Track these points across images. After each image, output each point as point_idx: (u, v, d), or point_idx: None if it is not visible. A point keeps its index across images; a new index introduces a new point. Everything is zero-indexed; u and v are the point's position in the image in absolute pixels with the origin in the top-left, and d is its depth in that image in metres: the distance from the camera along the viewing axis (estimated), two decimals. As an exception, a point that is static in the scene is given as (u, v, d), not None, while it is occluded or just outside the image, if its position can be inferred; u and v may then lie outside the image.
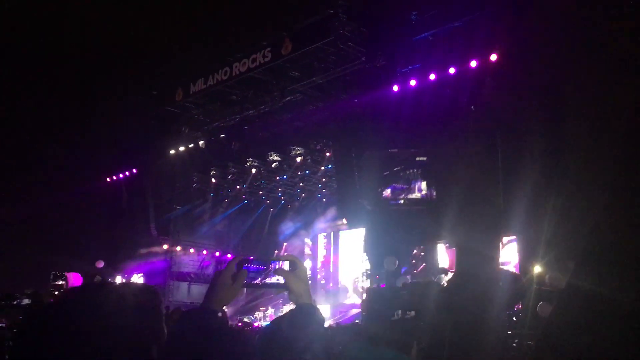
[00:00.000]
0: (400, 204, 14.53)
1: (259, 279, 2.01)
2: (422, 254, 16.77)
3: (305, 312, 1.93)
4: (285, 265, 2.00)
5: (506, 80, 11.26)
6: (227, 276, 1.94)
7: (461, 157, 11.30)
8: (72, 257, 18.39)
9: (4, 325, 7.86)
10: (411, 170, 14.48)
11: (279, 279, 1.99)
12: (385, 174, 14.45)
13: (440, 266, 15.64)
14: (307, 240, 24.18)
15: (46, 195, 18.54)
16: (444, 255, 16.43)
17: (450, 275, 14.58)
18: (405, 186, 14.59)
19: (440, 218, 12.92)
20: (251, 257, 2.05)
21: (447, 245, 16.32)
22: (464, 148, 11.36)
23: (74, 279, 17.95)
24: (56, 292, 17.95)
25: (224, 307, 1.91)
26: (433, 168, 13.75)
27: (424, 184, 14.57)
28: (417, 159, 14.31)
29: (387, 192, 14.71)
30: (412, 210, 14.44)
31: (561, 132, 10.86)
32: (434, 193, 14.18)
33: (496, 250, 9.91)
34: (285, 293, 2.01)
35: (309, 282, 2.11)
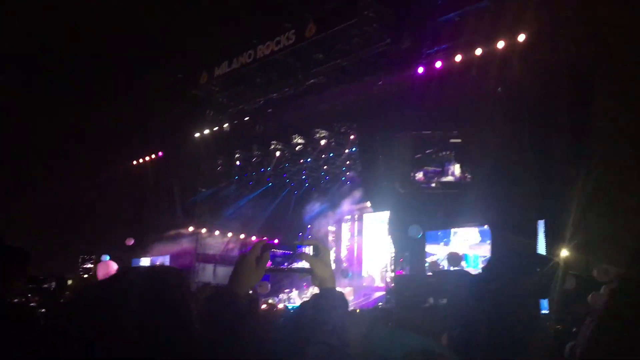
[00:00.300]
0: (433, 187, 14.33)
1: (285, 263, 2.02)
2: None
3: (330, 297, 1.94)
4: (309, 250, 2.01)
5: (534, 61, 11.05)
6: (251, 260, 1.95)
7: (495, 138, 11.10)
8: (100, 240, 18.73)
9: (34, 304, 8.04)
10: (444, 153, 14.21)
11: (303, 264, 2.00)
12: (417, 156, 14.23)
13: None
14: (331, 227, 24.23)
15: (74, 179, 18.82)
16: (475, 236, 15.82)
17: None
18: (438, 169, 14.36)
19: (475, 201, 12.66)
20: (276, 242, 2.05)
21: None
22: (496, 129, 11.18)
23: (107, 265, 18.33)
24: (85, 275, 18.31)
25: (251, 291, 1.95)
26: (467, 150, 13.42)
27: (457, 167, 14.28)
28: (451, 140, 14.04)
29: (420, 175, 14.50)
30: (447, 194, 14.18)
31: (590, 114, 10.66)
32: (468, 176, 13.96)
33: (533, 234, 9.80)
34: (309, 277, 2.02)
35: (333, 266, 2.12)
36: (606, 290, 8.56)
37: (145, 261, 22.00)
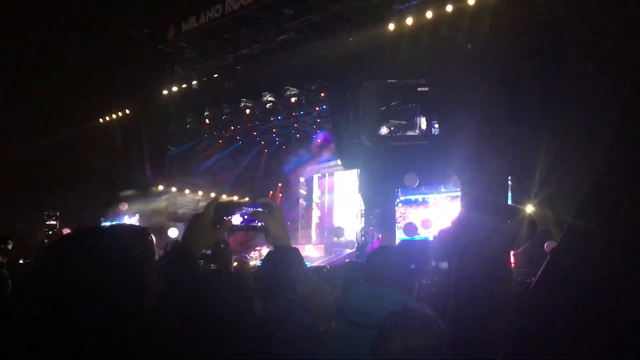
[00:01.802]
0: (399, 140, 14.06)
1: (240, 222, 2.02)
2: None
3: (284, 253, 1.96)
4: (262, 208, 2.02)
5: (505, 18, 11.00)
6: (205, 220, 1.94)
7: (467, 88, 11.01)
8: (67, 198, 18.48)
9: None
10: (411, 105, 13.87)
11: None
12: (382, 109, 13.92)
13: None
14: (302, 180, 24.30)
15: (40, 137, 18.43)
16: (447, 207, 15.59)
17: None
18: (404, 122, 14.16)
19: (444, 155, 12.49)
20: (225, 200, 2.04)
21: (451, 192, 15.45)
22: (468, 80, 11.08)
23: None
24: (50, 232, 18.10)
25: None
26: (435, 100, 12.96)
27: (423, 119, 14.00)
28: (418, 89, 13.60)
29: (384, 129, 14.21)
30: (415, 148, 13.91)
31: (559, 73, 10.72)
32: (436, 128, 13.68)
33: (504, 188, 9.83)
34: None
35: (288, 223, 2.15)
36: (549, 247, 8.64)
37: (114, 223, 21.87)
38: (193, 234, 1.94)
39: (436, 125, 13.68)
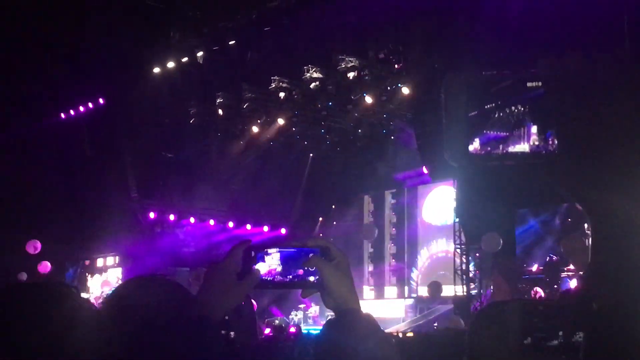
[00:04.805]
0: (497, 159, 14.29)
1: (280, 275, 2.06)
2: None
3: (356, 323, 1.99)
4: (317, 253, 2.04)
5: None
6: (228, 270, 1.98)
7: (606, 75, 10.80)
8: (11, 231, 18.74)
9: None
10: (515, 108, 14.03)
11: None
12: (472, 114, 14.10)
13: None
14: (367, 200, 24.18)
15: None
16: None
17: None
18: (504, 133, 14.27)
19: (565, 177, 12.50)
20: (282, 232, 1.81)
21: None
22: (611, 61, 10.87)
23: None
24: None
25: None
26: (553, 99, 13.15)
27: (535, 129, 14.03)
28: (528, 84, 13.75)
29: (476, 144, 14.45)
30: (519, 168, 14.13)
31: None
32: (554, 141, 13.70)
33: None
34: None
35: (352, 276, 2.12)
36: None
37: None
38: (212, 293, 1.98)
39: (554, 139, 13.73)
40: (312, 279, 2.03)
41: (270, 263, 2.04)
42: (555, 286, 15.99)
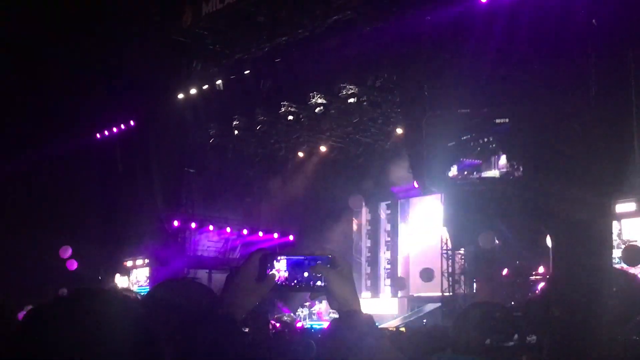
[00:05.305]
0: (471, 183, 14.44)
1: (293, 279, 2.08)
2: None
3: (356, 323, 1.99)
4: (323, 261, 2.06)
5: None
6: (247, 275, 2.02)
7: (558, 110, 10.96)
8: (52, 240, 18.76)
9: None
10: (487, 140, 14.21)
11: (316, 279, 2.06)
12: (450, 145, 14.24)
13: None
14: (365, 210, 24.20)
15: (20, 158, 18.81)
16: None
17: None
18: (478, 160, 14.38)
19: (528, 201, 12.73)
20: (290, 239, 1.92)
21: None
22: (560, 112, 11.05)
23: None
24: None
25: None
26: (518, 132, 13.29)
27: (504, 158, 14.33)
28: (497, 121, 13.92)
29: (454, 170, 14.55)
30: (489, 192, 14.39)
31: None
32: (519, 168, 13.85)
33: (607, 240, 9.67)
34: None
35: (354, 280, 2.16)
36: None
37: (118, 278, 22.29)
38: (234, 294, 2.02)
39: (519, 166, 13.85)
40: (319, 283, 2.04)
41: (279, 268, 2.05)
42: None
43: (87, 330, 1.52)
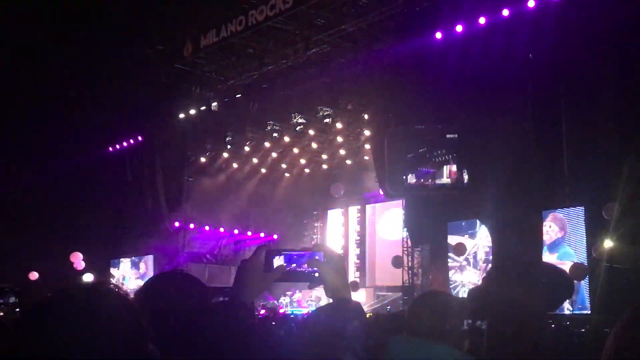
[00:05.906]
0: (427, 189, 14.55)
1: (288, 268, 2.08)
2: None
3: (345, 308, 1.97)
4: (319, 256, 2.05)
5: (572, 23, 10.92)
6: (255, 266, 2.00)
7: (500, 127, 11.14)
8: (69, 240, 18.72)
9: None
10: (440, 152, 14.20)
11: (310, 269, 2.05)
12: (409, 156, 14.36)
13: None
14: (339, 214, 24.37)
15: (42, 169, 18.78)
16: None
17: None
18: (432, 170, 14.59)
19: (474, 205, 12.90)
20: (275, 237, 2.09)
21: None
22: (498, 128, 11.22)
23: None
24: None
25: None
26: (465, 146, 13.53)
27: (454, 167, 14.24)
28: (447, 136, 14.23)
29: (412, 178, 14.65)
30: (441, 197, 14.60)
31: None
32: (465, 176, 14.06)
33: (536, 238, 9.83)
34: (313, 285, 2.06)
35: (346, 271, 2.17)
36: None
37: (124, 263, 22.21)
38: (244, 282, 1.99)
39: (466, 175, 14.03)
40: (316, 275, 2.03)
41: (280, 263, 2.05)
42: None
43: (82, 325, 1.38)
